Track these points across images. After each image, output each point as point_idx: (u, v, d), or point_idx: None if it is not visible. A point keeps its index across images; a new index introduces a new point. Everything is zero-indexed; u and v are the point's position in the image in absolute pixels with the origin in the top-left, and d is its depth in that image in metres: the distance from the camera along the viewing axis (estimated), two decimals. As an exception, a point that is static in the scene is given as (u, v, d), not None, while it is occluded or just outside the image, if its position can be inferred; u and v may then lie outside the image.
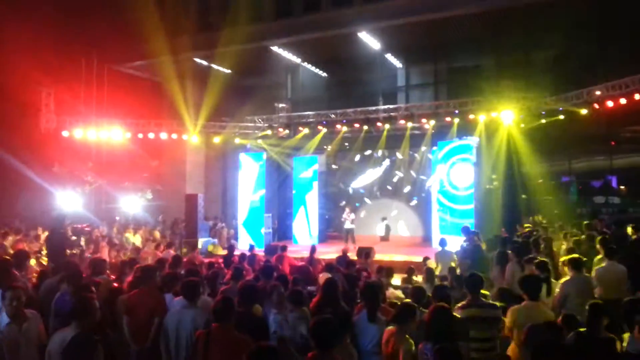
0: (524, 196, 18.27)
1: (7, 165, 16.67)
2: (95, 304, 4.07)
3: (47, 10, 18.35)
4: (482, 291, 5.05)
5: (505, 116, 16.32)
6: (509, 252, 7.86)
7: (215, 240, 16.81)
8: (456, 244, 9.90)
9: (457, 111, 17.12)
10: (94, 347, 3.69)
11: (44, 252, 10.28)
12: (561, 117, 16.14)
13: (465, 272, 6.86)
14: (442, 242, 9.74)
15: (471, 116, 16.79)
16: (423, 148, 19.27)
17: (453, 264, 8.59)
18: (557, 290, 5.91)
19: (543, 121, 16.62)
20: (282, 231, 19.72)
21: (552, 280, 6.42)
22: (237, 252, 11.18)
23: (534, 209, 19.13)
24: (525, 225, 14.49)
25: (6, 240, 11.45)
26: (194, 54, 20.05)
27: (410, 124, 17.80)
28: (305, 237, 18.20)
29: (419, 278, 8.38)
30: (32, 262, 8.80)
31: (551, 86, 18.55)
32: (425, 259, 8.70)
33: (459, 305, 4.82)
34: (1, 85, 17.19)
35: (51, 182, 17.20)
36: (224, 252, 12.95)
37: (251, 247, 11.03)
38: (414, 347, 3.80)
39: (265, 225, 18.02)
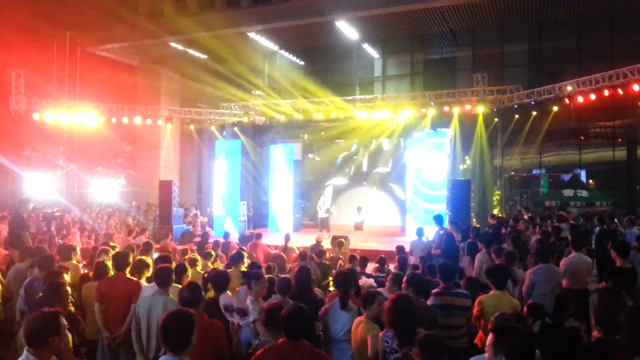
0: (495, 188, 18.69)
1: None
2: (67, 290, 4.05)
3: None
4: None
5: (479, 109, 16.57)
6: (479, 242, 8.04)
7: (190, 227, 16.71)
8: (432, 233, 10.05)
9: (432, 102, 17.32)
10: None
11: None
12: (534, 112, 16.47)
13: (437, 261, 7.03)
14: (419, 232, 9.88)
15: (446, 108, 16.99)
16: (398, 138, 19.44)
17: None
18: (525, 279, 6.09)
19: (516, 116, 16.94)
20: (257, 219, 19.70)
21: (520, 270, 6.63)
22: (211, 240, 11.19)
23: (505, 201, 19.60)
24: (497, 215, 14.84)
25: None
26: (170, 38, 19.73)
27: (386, 114, 17.91)
28: (280, 225, 18.21)
29: (391, 267, 8.50)
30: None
31: (525, 80, 18.93)
32: (399, 248, 8.80)
33: (432, 292, 4.95)
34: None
35: (22, 166, 16.83)
36: (198, 239, 12.91)
37: (226, 235, 11.01)
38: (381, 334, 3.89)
39: (240, 213, 17.98)
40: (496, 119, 17.49)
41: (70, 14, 19.23)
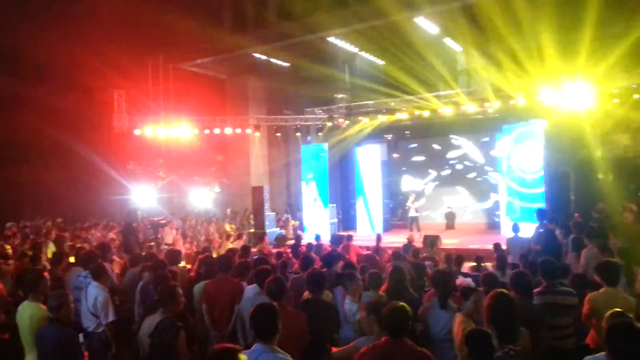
0: (598, 180, 17.40)
1: (89, 163, 17.89)
2: (179, 291, 4.34)
3: (117, 15, 19.36)
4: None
5: (576, 96, 15.55)
6: (584, 237, 7.57)
7: (283, 231, 17.19)
8: (527, 230, 9.60)
9: (522, 93, 16.51)
10: (178, 331, 3.99)
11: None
12: (635, 96, 15.20)
13: (537, 258, 6.70)
14: (515, 228, 9.47)
15: (537, 98, 16.12)
16: (488, 132, 18.75)
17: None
18: None
19: (616, 101, 15.71)
20: (347, 221, 19.85)
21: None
22: (303, 242, 11.45)
23: (608, 194, 18.18)
24: (602, 208, 13.86)
25: (90, 233, 12.27)
26: (253, 49, 20.46)
27: (473, 108, 17.35)
28: (369, 226, 18.24)
29: (488, 266, 8.25)
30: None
31: (624, 63, 17.48)
32: (496, 246, 8.50)
33: (534, 291, 4.75)
34: (81, 87, 18.43)
35: (127, 178, 18.22)
36: (291, 242, 13.25)
37: (317, 237, 11.21)
38: None
39: (329, 215, 18.22)
40: (594, 105, 16.32)
41: (162, 35, 20.54)
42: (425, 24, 18.46)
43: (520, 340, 3.54)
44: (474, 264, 8.43)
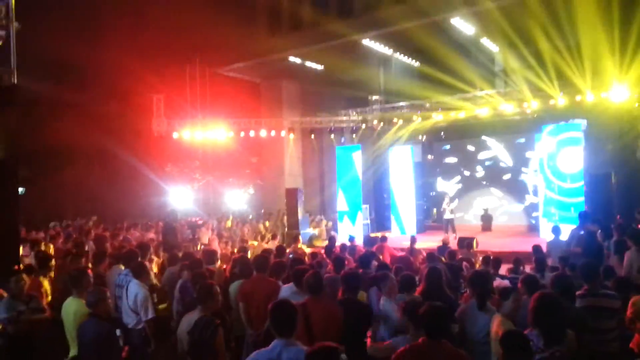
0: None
1: (129, 166, 18.44)
2: (217, 290, 4.43)
3: (156, 23, 19.89)
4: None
5: (617, 94, 15.05)
6: (628, 240, 7.32)
7: (316, 231, 17.26)
8: (567, 232, 9.34)
9: (561, 92, 16.11)
10: (216, 329, 4.07)
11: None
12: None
13: (577, 261, 6.52)
14: (555, 231, 9.23)
15: (577, 97, 15.69)
16: (525, 133, 18.36)
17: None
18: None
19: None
20: (380, 222, 19.77)
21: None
22: (337, 244, 11.46)
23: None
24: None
25: (129, 233, 12.61)
26: (288, 53, 20.66)
27: (510, 109, 17.02)
28: (403, 227, 18.11)
29: (526, 268, 8.06)
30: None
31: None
32: (536, 248, 8.30)
33: (576, 294, 4.64)
34: (122, 93, 19.02)
35: (165, 180, 18.67)
36: (325, 243, 13.28)
37: (351, 238, 11.21)
38: None
39: (363, 216, 18.19)
40: (637, 104, 15.75)
41: (199, 40, 21.02)
42: (462, 25, 18.22)
43: (566, 341, 3.47)
44: (511, 266, 8.26)
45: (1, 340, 5.07)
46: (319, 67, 21.68)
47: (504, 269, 8.05)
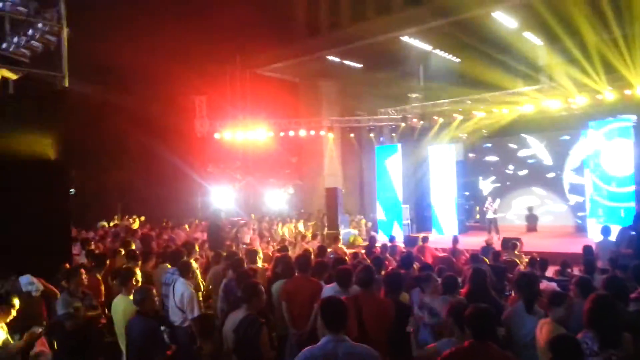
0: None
1: (173, 166, 18.90)
2: (262, 289, 4.48)
3: (196, 24, 20.31)
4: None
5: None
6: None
7: (356, 231, 17.23)
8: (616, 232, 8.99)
9: (610, 87, 15.50)
10: (261, 327, 4.11)
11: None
12: None
13: (628, 262, 6.27)
14: (605, 231, 8.90)
15: (627, 91, 15.06)
16: (570, 130, 17.77)
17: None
18: None
19: None
20: (420, 222, 19.53)
21: None
22: (378, 244, 11.41)
23: None
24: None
25: (174, 232, 12.92)
26: (327, 52, 20.68)
27: (555, 105, 16.50)
28: (444, 228, 17.86)
29: (574, 270, 7.82)
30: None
31: None
32: (586, 248, 8.03)
33: (630, 297, 4.47)
34: (165, 94, 19.50)
35: (207, 180, 19.04)
36: (365, 243, 13.25)
37: (392, 238, 11.15)
38: None
39: (403, 216, 18.03)
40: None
41: (238, 41, 21.32)
42: (503, 18, 17.78)
43: (623, 345, 3.35)
44: (558, 268, 8.02)
45: (59, 336, 5.28)
46: (358, 65, 21.60)
47: (550, 271, 7.84)
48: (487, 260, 8.03)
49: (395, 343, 4.24)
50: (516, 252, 9.03)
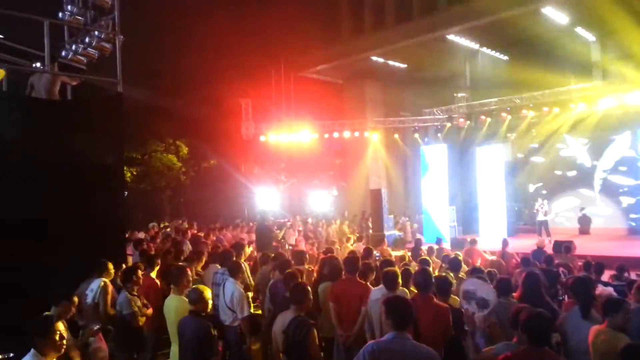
0: None
1: (220, 168, 19.32)
2: (309, 290, 4.51)
3: (241, 28, 20.69)
4: None
5: None
6: None
7: (401, 233, 17.08)
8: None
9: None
10: (310, 329, 4.15)
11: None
12: None
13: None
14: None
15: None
16: (624, 129, 17.00)
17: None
18: None
19: None
20: (467, 224, 19.15)
21: None
22: (424, 246, 11.28)
23: None
24: None
25: (222, 233, 13.19)
26: (371, 52, 20.62)
27: (610, 102, 15.84)
28: (492, 230, 17.45)
29: (632, 275, 7.50)
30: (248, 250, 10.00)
31: None
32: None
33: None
34: (211, 97, 19.95)
35: (252, 182, 19.35)
36: (410, 245, 13.11)
37: (438, 240, 11.01)
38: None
39: (449, 218, 17.73)
40: None
41: (283, 44, 21.56)
42: (554, 14, 17.22)
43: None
44: (614, 272, 7.70)
45: (122, 334, 5.50)
46: (402, 65, 21.44)
47: (606, 275, 7.55)
48: (538, 264, 7.81)
49: (450, 347, 4.21)
50: (569, 255, 8.73)
